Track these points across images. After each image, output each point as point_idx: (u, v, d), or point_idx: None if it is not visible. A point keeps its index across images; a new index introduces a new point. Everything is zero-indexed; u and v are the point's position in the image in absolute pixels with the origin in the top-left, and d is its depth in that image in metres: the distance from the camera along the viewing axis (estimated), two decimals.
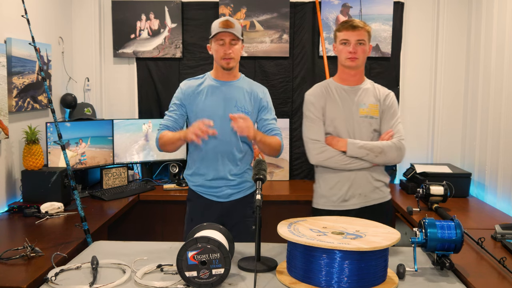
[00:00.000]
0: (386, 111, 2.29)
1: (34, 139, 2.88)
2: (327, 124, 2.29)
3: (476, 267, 1.88)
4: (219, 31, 2.23)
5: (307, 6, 3.76)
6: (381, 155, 2.21)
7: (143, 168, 3.78)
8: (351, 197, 2.27)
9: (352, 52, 2.23)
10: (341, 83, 2.33)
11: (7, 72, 2.79)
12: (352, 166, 2.24)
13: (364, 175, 2.26)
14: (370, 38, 2.28)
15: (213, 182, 2.34)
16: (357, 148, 2.21)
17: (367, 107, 2.27)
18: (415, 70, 3.82)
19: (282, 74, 3.81)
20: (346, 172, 2.25)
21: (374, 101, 2.29)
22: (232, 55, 2.26)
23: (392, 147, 2.21)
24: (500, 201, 3.03)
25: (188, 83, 2.39)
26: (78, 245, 2.17)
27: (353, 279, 1.52)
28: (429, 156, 3.86)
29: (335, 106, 2.28)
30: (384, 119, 2.29)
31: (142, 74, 3.85)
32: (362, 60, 2.27)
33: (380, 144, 2.22)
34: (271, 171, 3.78)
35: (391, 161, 2.25)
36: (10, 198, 2.87)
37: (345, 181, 2.26)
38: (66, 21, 3.70)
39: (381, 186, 2.31)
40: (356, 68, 2.28)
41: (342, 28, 2.25)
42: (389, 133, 2.26)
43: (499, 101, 3.07)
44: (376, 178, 2.28)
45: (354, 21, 2.26)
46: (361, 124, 2.26)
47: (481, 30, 3.40)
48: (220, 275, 1.56)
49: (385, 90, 2.35)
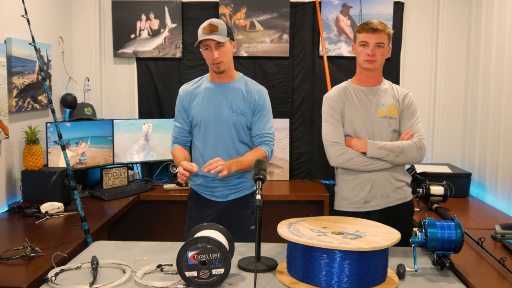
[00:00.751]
0: (405, 111, 2.28)
1: (34, 139, 2.88)
2: (346, 126, 2.28)
3: (476, 267, 1.88)
4: (202, 38, 2.23)
5: (307, 6, 3.76)
6: (401, 155, 2.20)
7: (143, 168, 3.78)
8: (372, 198, 2.26)
9: (371, 54, 2.21)
10: (359, 85, 2.32)
11: (7, 72, 2.79)
12: (373, 167, 2.23)
13: (385, 176, 2.25)
14: (390, 40, 2.26)
15: (211, 182, 2.35)
16: (377, 148, 2.20)
17: (386, 108, 2.26)
18: (415, 70, 3.82)
19: (282, 74, 3.81)
20: (366, 173, 2.24)
21: (392, 101, 2.28)
22: (220, 58, 2.25)
23: (413, 146, 2.21)
24: (500, 201, 3.03)
25: (185, 88, 2.42)
26: (78, 245, 2.17)
27: (353, 279, 1.52)
28: (429, 156, 3.86)
29: (353, 107, 2.28)
30: (403, 119, 2.28)
31: (142, 74, 3.85)
32: (380, 63, 2.25)
33: (400, 144, 2.21)
34: (271, 171, 3.78)
35: (412, 161, 2.25)
36: (10, 198, 2.87)
37: (366, 182, 2.25)
38: (66, 21, 3.70)
39: (402, 186, 2.30)
40: (374, 70, 2.26)
41: (362, 29, 2.23)
42: (409, 132, 2.25)
43: (499, 101, 3.07)
44: (397, 178, 2.27)
45: (374, 23, 2.22)
46: (380, 125, 2.25)
47: (481, 30, 3.40)
48: (220, 275, 1.56)
49: (403, 90, 2.33)
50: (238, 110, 2.32)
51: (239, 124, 2.33)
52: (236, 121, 2.32)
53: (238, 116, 2.33)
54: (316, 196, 3.43)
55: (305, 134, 3.83)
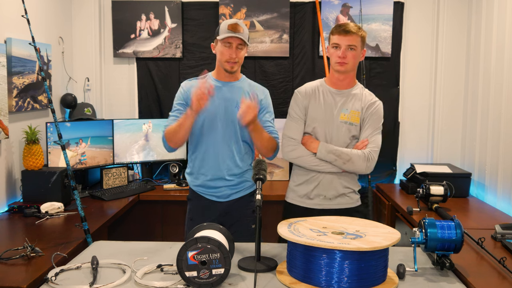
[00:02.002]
0: (367, 119, 2.26)
1: (34, 139, 2.88)
2: (307, 124, 2.30)
3: (476, 267, 1.88)
4: (228, 35, 2.21)
5: (307, 6, 3.76)
6: (348, 163, 2.20)
7: (143, 168, 3.78)
8: (315, 197, 2.29)
9: (341, 57, 2.21)
10: (330, 86, 2.32)
11: (7, 72, 2.79)
12: (320, 169, 2.25)
13: (331, 179, 2.27)
14: (363, 43, 2.25)
15: (212, 182, 2.34)
16: (327, 152, 2.22)
17: (349, 113, 2.26)
18: (415, 70, 3.82)
19: (282, 74, 3.81)
20: (315, 173, 2.28)
21: (357, 107, 2.27)
22: (237, 59, 2.26)
23: (361, 156, 2.20)
24: (500, 201, 3.03)
25: (190, 83, 2.38)
26: (78, 245, 2.17)
27: (353, 279, 1.52)
28: (429, 156, 3.86)
29: (317, 107, 2.29)
30: (364, 127, 2.27)
31: (142, 74, 3.85)
32: (352, 65, 2.24)
33: (349, 152, 2.21)
34: (271, 171, 3.78)
35: (359, 171, 2.24)
36: (10, 198, 2.87)
37: (312, 181, 2.29)
38: (66, 21, 3.70)
39: (348, 192, 2.31)
40: (345, 73, 2.26)
41: (335, 31, 2.24)
42: (364, 142, 2.24)
43: (499, 101, 3.07)
44: (344, 184, 2.29)
45: (348, 25, 2.22)
46: (340, 129, 2.26)
47: (481, 30, 3.40)
48: (220, 275, 1.56)
49: (371, 98, 2.30)
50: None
51: None
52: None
53: None
54: None
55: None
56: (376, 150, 2.24)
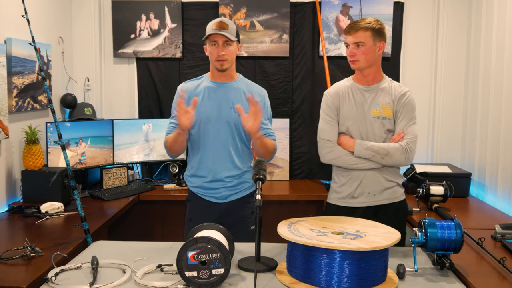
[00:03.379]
0: (400, 111, 2.26)
1: (34, 139, 2.88)
2: (340, 123, 2.29)
3: (476, 267, 1.88)
4: (212, 32, 2.23)
5: (307, 6, 3.76)
6: (387, 157, 2.19)
7: (143, 168, 3.77)
8: (359, 195, 2.27)
9: (350, 55, 2.23)
10: (358, 83, 2.31)
11: (7, 72, 2.79)
12: (359, 167, 2.24)
13: (373, 175, 2.25)
14: (377, 36, 2.22)
15: (211, 184, 2.33)
16: (364, 149, 2.21)
17: (380, 107, 2.26)
18: (415, 70, 3.82)
19: (282, 74, 3.81)
20: (356, 171, 2.26)
21: (388, 101, 2.27)
22: (226, 56, 2.25)
23: (399, 149, 2.19)
24: (500, 201, 3.03)
25: (186, 86, 2.38)
26: (78, 245, 2.17)
27: (353, 279, 1.52)
28: (429, 156, 3.86)
29: (348, 106, 2.28)
30: (398, 119, 2.26)
31: (142, 74, 3.85)
32: (365, 61, 2.22)
33: (387, 146, 2.20)
34: (271, 171, 3.78)
35: (398, 164, 2.24)
36: (10, 198, 2.87)
37: (355, 179, 2.27)
38: (66, 21, 3.70)
39: (393, 186, 2.29)
40: (362, 70, 2.25)
41: (345, 31, 2.26)
42: (400, 134, 2.24)
43: (499, 101, 3.07)
44: (387, 178, 2.27)
45: (355, 23, 2.22)
46: (374, 125, 2.25)
47: (481, 30, 3.40)
48: (220, 275, 1.56)
49: (401, 89, 2.30)
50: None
51: (239, 123, 2.30)
52: (237, 121, 2.29)
53: (239, 116, 2.30)
54: (316, 196, 3.43)
55: (305, 134, 3.83)
56: (414, 141, 2.24)
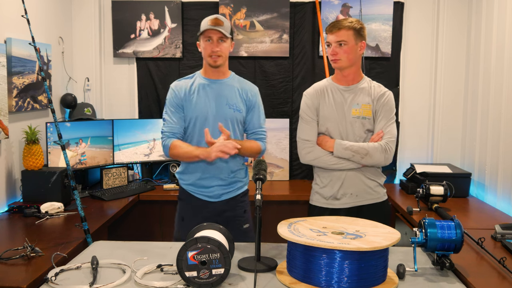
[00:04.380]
0: (380, 111, 2.25)
1: (34, 139, 2.88)
2: (320, 124, 2.29)
3: (476, 267, 1.88)
4: (206, 28, 2.23)
5: (307, 6, 3.76)
6: (366, 157, 2.19)
7: (143, 168, 3.78)
8: (342, 196, 2.27)
9: (332, 54, 2.22)
10: (337, 83, 2.31)
11: (7, 72, 2.79)
12: (339, 167, 2.24)
13: (355, 175, 2.25)
14: (358, 36, 2.21)
15: (203, 181, 2.33)
16: (343, 149, 2.21)
17: (360, 107, 2.25)
18: (415, 70, 3.82)
19: (282, 74, 3.81)
20: (337, 171, 2.25)
21: (368, 101, 2.26)
22: (219, 52, 2.26)
23: (378, 149, 2.19)
24: (500, 201, 3.03)
25: (179, 84, 2.38)
26: (78, 245, 2.17)
27: (353, 279, 1.52)
28: (429, 156, 3.86)
29: (328, 106, 2.28)
30: (377, 119, 2.26)
31: (142, 74, 3.85)
32: (347, 60, 2.21)
33: (366, 146, 2.20)
34: (271, 171, 3.78)
35: (378, 163, 2.23)
36: (10, 198, 2.87)
37: (336, 180, 2.27)
38: (66, 21, 3.70)
39: (374, 186, 2.29)
40: (343, 69, 2.25)
41: (327, 30, 2.25)
42: (379, 134, 2.23)
43: (499, 101, 3.07)
44: (369, 177, 2.27)
45: (336, 22, 2.22)
46: (354, 125, 2.25)
47: (481, 30, 3.40)
48: (220, 275, 1.56)
49: (380, 89, 2.29)
50: (234, 106, 2.32)
51: (235, 120, 2.32)
52: (233, 117, 2.31)
53: (234, 112, 2.32)
54: None
55: None
56: (393, 140, 2.23)
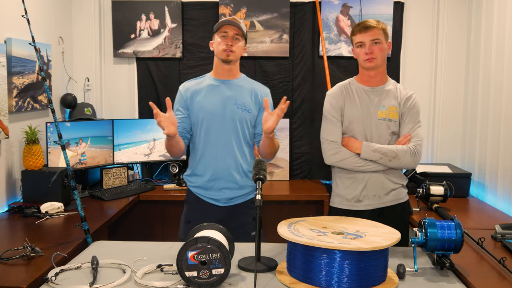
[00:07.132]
0: (406, 114, 2.24)
1: (34, 139, 2.88)
2: (345, 125, 2.26)
3: (476, 267, 1.88)
4: (223, 23, 2.23)
5: (307, 6, 3.76)
6: (395, 159, 2.17)
7: (143, 168, 3.78)
8: (365, 198, 2.24)
9: (368, 52, 2.19)
10: (362, 84, 2.28)
11: (7, 72, 2.79)
12: (366, 169, 2.21)
13: (378, 177, 2.23)
14: (386, 36, 2.22)
15: (211, 183, 2.28)
16: (371, 151, 2.18)
17: (386, 109, 2.23)
18: (415, 70, 3.82)
19: (282, 74, 3.81)
20: (361, 173, 2.23)
21: (394, 103, 2.24)
22: (234, 48, 2.24)
23: (407, 152, 2.17)
24: (500, 201, 3.03)
25: (187, 85, 2.36)
26: (78, 245, 2.17)
27: (353, 279, 1.52)
28: (429, 156, 3.86)
29: (353, 107, 2.25)
30: (403, 121, 2.24)
31: (142, 74, 3.85)
32: (381, 59, 2.21)
33: (395, 148, 2.18)
34: (271, 171, 3.78)
35: (406, 166, 2.22)
36: (10, 198, 2.87)
37: (359, 182, 2.24)
38: (66, 21, 3.70)
39: (397, 187, 2.27)
40: (376, 69, 2.23)
41: (356, 31, 2.22)
42: (407, 137, 2.21)
43: (499, 101, 3.07)
44: (392, 180, 2.25)
45: (367, 21, 2.21)
46: (379, 127, 2.23)
47: (481, 30, 3.40)
48: (220, 275, 1.56)
49: (407, 92, 2.28)
50: (243, 106, 2.28)
51: (243, 120, 2.28)
52: (241, 117, 2.27)
53: (243, 112, 2.27)
54: (316, 196, 3.43)
55: (305, 134, 3.83)
56: (421, 144, 2.21)
